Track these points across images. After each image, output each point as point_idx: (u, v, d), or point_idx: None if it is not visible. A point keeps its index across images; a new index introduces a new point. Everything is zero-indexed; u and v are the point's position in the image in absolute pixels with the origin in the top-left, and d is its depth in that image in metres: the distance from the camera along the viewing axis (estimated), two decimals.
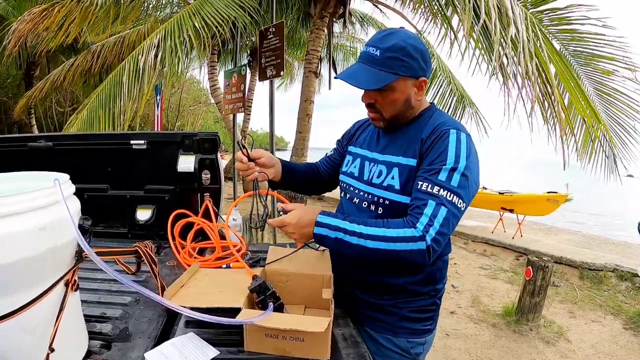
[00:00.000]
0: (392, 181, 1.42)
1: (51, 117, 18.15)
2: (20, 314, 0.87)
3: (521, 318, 4.46)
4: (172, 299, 1.24)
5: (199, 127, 27.38)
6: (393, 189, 1.41)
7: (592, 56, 6.15)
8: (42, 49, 7.99)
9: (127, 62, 6.01)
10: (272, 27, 5.55)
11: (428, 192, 1.28)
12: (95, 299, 1.40)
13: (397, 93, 1.38)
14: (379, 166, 1.48)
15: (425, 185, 1.29)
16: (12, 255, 0.84)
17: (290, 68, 16.44)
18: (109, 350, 1.13)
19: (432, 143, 1.35)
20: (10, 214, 0.83)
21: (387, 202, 1.43)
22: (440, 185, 1.27)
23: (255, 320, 1.11)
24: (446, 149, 1.31)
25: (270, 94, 5.70)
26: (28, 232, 0.85)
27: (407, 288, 1.49)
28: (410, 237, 1.23)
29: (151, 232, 2.18)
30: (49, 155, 2.18)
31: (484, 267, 6.58)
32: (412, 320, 1.52)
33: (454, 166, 1.29)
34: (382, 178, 1.45)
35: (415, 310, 1.51)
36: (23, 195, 0.86)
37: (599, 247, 7.59)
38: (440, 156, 1.31)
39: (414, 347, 1.54)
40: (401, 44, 1.33)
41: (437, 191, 1.26)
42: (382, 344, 1.54)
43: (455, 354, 3.81)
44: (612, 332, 4.47)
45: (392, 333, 1.53)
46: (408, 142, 1.43)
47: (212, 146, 2.17)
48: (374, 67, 1.35)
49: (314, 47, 8.14)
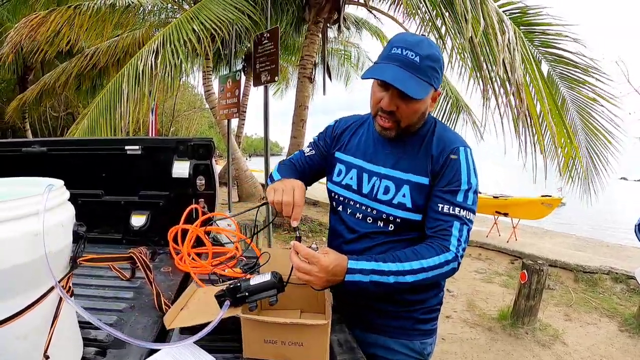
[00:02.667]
0: (403, 199, 1.40)
1: (45, 121, 18.08)
2: (14, 320, 0.86)
3: (517, 321, 4.46)
4: (172, 323, 1.23)
5: (193, 132, 27.33)
6: (404, 207, 1.40)
7: (576, 82, 6.39)
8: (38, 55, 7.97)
9: (126, 69, 6.00)
10: (267, 33, 5.57)
11: (451, 214, 1.34)
12: (90, 305, 1.38)
13: (421, 104, 1.34)
14: (384, 181, 1.44)
15: (446, 207, 1.35)
16: (6, 262, 0.83)
17: (285, 73, 16.47)
18: (104, 357, 1.12)
19: (445, 163, 1.38)
20: (4, 219, 0.83)
21: (399, 220, 1.42)
22: (460, 206, 1.35)
23: (215, 321, 1.11)
24: (459, 170, 1.37)
25: (264, 100, 5.72)
26: (22, 238, 0.85)
27: (419, 297, 1.52)
28: (447, 261, 1.30)
29: (146, 238, 2.17)
30: (43, 160, 2.17)
31: (479, 271, 6.59)
32: (424, 322, 1.54)
33: (468, 187, 1.36)
34: (391, 195, 1.42)
35: (426, 312, 1.54)
36: (17, 201, 0.85)
37: (593, 249, 7.63)
38: (455, 177, 1.37)
39: (426, 348, 1.56)
40: (437, 54, 1.31)
41: (458, 212, 1.34)
42: (396, 350, 1.54)
43: (451, 358, 3.81)
44: (607, 334, 4.49)
45: (406, 337, 1.54)
46: (417, 159, 1.42)
47: (207, 151, 2.16)
48: (415, 74, 1.28)
49: (308, 52, 8.16)
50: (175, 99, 23.28)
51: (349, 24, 11.71)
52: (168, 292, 1.54)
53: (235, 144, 11.04)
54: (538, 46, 6.27)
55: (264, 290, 1.20)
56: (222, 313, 1.15)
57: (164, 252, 2.01)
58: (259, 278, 1.21)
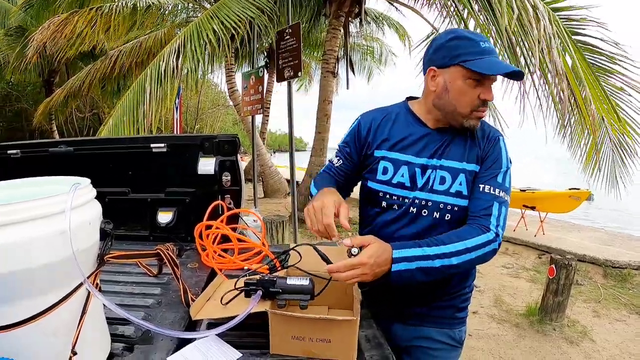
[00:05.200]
0: (460, 187, 1.43)
1: (71, 122, 18.43)
2: (43, 317, 0.87)
3: (544, 318, 4.39)
4: (199, 313, 1.24)
5: (217, 129, 27.59)
6: (462, 195, 1.43)
7: (604, 70, 6.20)
8: (62, 57, 8.12)
9: (149, 69, 6.08)
10: (289, 29, 5.56)
11: (492, 194, 1.40)
12: (118, 301, 1.39)
13: None
14: (439, 172, 1.43)
15: (488, 187, 1.41)
16: (34, 261, 0.84)
17: (308, 69, 16.47)
18: (131, 353, 1.13)
19: (490, 149, 1.46)
20: (32, 218, 0.83)
21: (456, 209, 1.43)
22: (500, 187, 1.41)
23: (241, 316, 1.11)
24: (500, 154, 1.46)
25: (288, 95, 5.71)
26: (50, 236, 0.86)
27: (459, 284, 1.57)
28: (487, 242, 1.33)
29: (172, 235, 2.19)
30: (70, 160, 2.20)
31: (506, 265, 6.49)
32: (462, 310, 1.60)
33: (505, 169, 1.45)
34: (448, 185, 1.43)
35: (464, 300, 1.59)
36: (44, 200, 0.86)
37: (622, 244, 7.43)
38: (497, 162, 1.45)
39: (462, 336, 1.62)
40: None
41: (498, 193, 1.40)
42: (438, 340, 1.57)
43: (478, 354, 3.76)
44: (637, 331, 4.37)
45: (448, 326, 1.57)
46: (467, 147, 1.47)
47: (232, 148, 2.16)
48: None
49: (330, 47, 8.14)
50: (200, 97, 23.53)
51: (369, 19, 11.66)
52: (195, 288, 1.55)
53: (259, 140, 11.09)
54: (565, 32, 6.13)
55: (298, 292, 1.20)
56: (255, 302, 1.16)
57: (190, 248, 2.03)
58: (296, 280, 1.21)
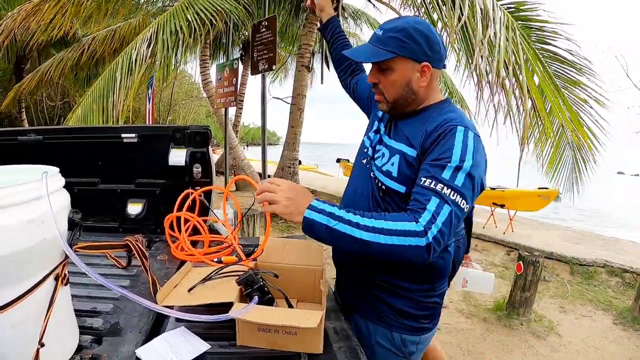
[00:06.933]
0: (391, 167, 1.40)
1: (42, 111, 17.98)
2: (9, 308, 0.86)
3: (512, 312, 4.48)
4: (165, 299, 1.23)
5: (190, 121, 27.23)
6: (390, 175, 1.40)
7: (569, 81, 6.36)
8: (33, 43, 7.91)
9: (121, 58, 5.96)
10: (265, 21, 5.52)
11: (431, 188, 1.22)
12: (86, 293, 1.38)
13: (396, 74, 1.37)
14: (382, 149, 1.47)
15: (428, 181, 1.23)
16: (2, 249, 0.83)
17: (283, 62, 16.37)
18: (99, 345, 1.12)
19: (438, 138, 1.29)
20: (0, 206, 0.82)
21: (384, 187, 1.42)
22: (444, 182, 1.22)
23: (236, 314, 1.10)
24: (452, 146, 1.25)
25: (262, 88, 5.69)
26: (18, 225, 0.85)
27: (400, 284, 1.45)
28: (410, 232, 1.16)
29: (142, 226, 2.17)
30: (39, 148, 2.16)
31: (476, 261, 6.60)
32: (407, 315, 1.47)
33: (459, 165, 1.23)
34: (384, 162, 1.44)
35: (413, 304, 1.46)
36: (12, 188, 0.85)
37: (589, 242, 7.62)
38: (446, 153, 1.25)
39: (407, 345, 1.49)
40: (404, 25, 1.34)
41: (441, 189, 1.21)
42: (365, 333, 1.52)
43: (447, 348, 3.82)
44: (602, 327, 4.51)
45: (386, 325, 1.48)
46: (413, 132, 1.39)
47: (204, 140, 2.15)
48: (375, 44, 1.38)
49: (306, 41, 8.13)
50: (173, 88, 23.18)
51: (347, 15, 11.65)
52: (164, 280, 1.54)
53: (232, 133, 10.99)
54: (535, 42, 6.24)
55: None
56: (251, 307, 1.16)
57: (160, 240, 2.01)
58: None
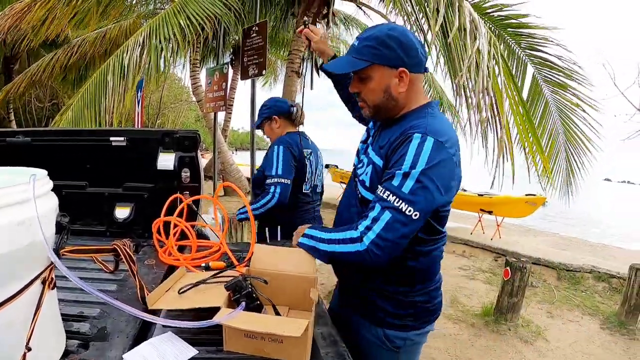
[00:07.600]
0: (365, 177, 1.45)
1: (30, 112, 17.78)
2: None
3: (499, 318, 4.51)
4: (155, 303, 1.23)
5: (179, 125, 27.11)
6: (364, 184, 1.45)
7: (560, 86, 6.43)
8: (24, 45, 7.84)
9: (112, 61, 5.92)
10: (255, 26, 5.53)
11: (379, 196, 1.29)
12: (73, 297, 1.37)
13: (374, 82, 1.40)
14: (365, 159, 1.52)
15: (380, 190, 1.30)
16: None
17: (273, 68, 16.37)
18: (86, 350, 1.11)
19: (397, 146, 1.31)
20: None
21: (360, 196, 1.47)
22: (391, 190, 1.25)
23: (221, 320, 1.11)
24: (405, 153, 1.26)
25: (251, 93, 5.69)
26: (5, 227, 0.84)
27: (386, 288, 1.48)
28: (350, 239, 1.31)
29: (130, 230, 2.16)
30: (27, 150, 2.14)
31: (463, 267, 6.63)
32: (389, 314, 1.49)
33: (407, 171, 1.24)
34: (362, 171, 1.49)
35: (395, 304, 1.48)
36: (2, 190, 0.84)
37: (576, 248, 7.71)
38: (399, 161, 1.27)
39: (393, 340, 1.51)
40: (377, 34, 1.37)
41: (387, 196, 1.26)
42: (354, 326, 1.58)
43: (435, 353, 3.84)
44: (589, 331, 4.55)
45: (370, 319, 1.53)
46: (385, 141, 1.40)
47: (193, 144, 2.15)
48: (352, 55, 1.41)
49: (296, 47, 8.11)
50: (162, 92, 23.07)
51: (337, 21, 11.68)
52: (152, 285, 1.54)
53: (221, 137, 10.94)
54: (525, 48, 6.32)
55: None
56: (237, 312, 1.17)
57: (147, 244, 2.00)
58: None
